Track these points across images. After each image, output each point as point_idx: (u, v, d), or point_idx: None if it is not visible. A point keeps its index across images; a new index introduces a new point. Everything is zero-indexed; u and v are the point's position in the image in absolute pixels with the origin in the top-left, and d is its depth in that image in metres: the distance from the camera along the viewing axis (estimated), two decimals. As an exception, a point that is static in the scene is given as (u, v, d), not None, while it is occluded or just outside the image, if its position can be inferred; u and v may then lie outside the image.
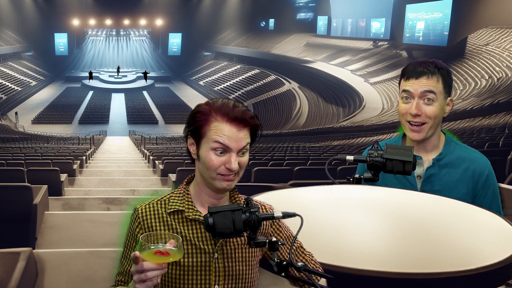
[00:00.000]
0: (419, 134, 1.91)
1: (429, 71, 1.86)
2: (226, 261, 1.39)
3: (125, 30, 52.70)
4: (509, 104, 15.84)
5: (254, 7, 45.49)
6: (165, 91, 43.62)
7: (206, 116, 1.37)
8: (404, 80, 1.91)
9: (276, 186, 5.18)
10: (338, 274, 1.30)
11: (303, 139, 19.53)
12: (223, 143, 1.34)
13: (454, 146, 1.99)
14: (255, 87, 36.88)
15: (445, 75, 1.89)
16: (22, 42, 43.88)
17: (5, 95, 34.36)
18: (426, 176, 1.96)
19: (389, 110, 23.77)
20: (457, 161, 1.95)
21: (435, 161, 1.96)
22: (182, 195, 1.43)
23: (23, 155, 11.52)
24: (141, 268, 1.20)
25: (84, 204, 6.82)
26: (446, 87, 1.89)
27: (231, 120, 1.35)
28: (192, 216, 1.39)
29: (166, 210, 1.41)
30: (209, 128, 1.36)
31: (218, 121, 1.35)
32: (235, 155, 1.35)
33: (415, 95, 1.88)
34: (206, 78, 43.35)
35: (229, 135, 1.34)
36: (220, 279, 1.38)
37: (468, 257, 1.40)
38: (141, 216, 1.40)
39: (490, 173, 1.95)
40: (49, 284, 3.70)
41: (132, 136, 28.34)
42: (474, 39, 23.85)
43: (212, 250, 1.38)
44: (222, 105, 1.37)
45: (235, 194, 1.48)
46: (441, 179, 1.95)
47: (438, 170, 1.96)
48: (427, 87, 1.86)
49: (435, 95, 1.87)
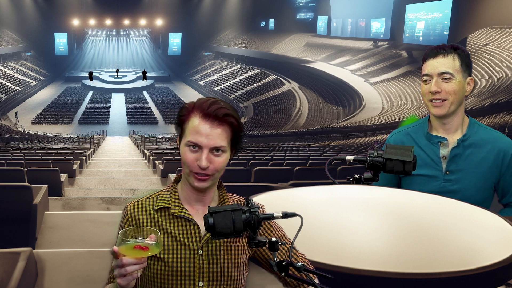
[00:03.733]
0: (441, 109, 1.97)
1: (445, 51, 1.95)
2: (211, 258, 1.40)
3: (125, 30, 52.69)
4: (509, 104, 15.84)
5: (254, 7, 45.48)
6: (165, 91, 43.61)
7: (187, 112, 1.40)
8: (424, 64, 2.00)
9: (276, 186, 5.17)
10: (338, 274, 1.30)
11: (303, 139, 19.52)
12: (193, 139, 1.35)
13: (478, 127, 2.04)
14: (255, 87, 36.87)
15: (462, 54, 1.97)
16: (22, 42, 43.86)
17: (5, 95, 34.34)
18: (451, 156, 2.01)
19: (389, 110, 23.76)
20: (481, 142, 2.01)
21: (460, 141, 2.01)
22: (169, 193, 1.45)
23: (23, 155, 11.52)
24: (120, 263, 1.22)
25: (84, 204, 6.81)
26: (463, 66, 1.96)
27: (204, 116, 1.36)
28: (178, 213, 1.41)
29: (154, 207, 1.43)
30: (187, 124, 1.38)
31: (195, 116, 1.37)
32: (207, 152, 1.35)
33: (433, 74, 1.96)
34: (206, 78, 43.33)
35: (201, 131, 1.35)
36: (204, 275, 1.39)
37: (468, 257, 1.40)
38: (130, 213, 1.43)
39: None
40: (49, 284, 3.70)
41: (132, 136, 28.32)
42: (474, 39, 23.83)
43: (196, 247, 1.39)
44: (203, 102, 1.38)
45: (223, 193, 1.48)
46: (465, 159, 2.00)
47: (463, 150, 2.01)
48: (443, 65, 1.94)
49: (452, 73, 1.94)
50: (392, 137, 2.16)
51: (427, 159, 2.02)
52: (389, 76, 28.29)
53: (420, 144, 2.05)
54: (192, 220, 1.41)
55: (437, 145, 2.03)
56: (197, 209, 1.44)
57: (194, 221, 1.41)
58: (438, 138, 2.04)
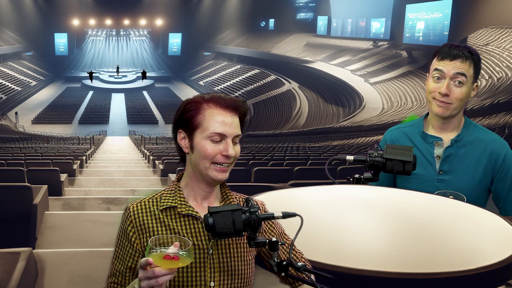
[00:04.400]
0: (445, 111, 1.95)
1: (464, 55, 1.91)
2: (221, 257, 1.38)
3: (125, 30, 52.67)
4: (509, 104, 15.84)
5: (254, 7, 45.46)
6: (165, 91, 43.61)
7: (198, 105, 1.38)
8: (438, 60, 1.95)
9: (276, 186, 5.17)
10: (338, 274, 1.29)
11: (303, 139, 19.52)
12: (219, 130, 1.36)
13: (473, 128, 2.03)
14: (255, 87, 36.86)
15: (477, 61, 1.94)
16: (22, 42, 43.84)
17: (5, 95, 34.33)
18: (444, 156, 2.00)
19: (389, 110, 23.77)
20: (475, 142, 2.00)
21: (454, 141, 2.00)
22: (173, 192, 1.43)
23: (23, 155, 11.52)
24: (152, 275, 1.18)
25: (84, 204, 6.81)
26: (476, 73, 1.95)
27: (224, 107, 1.37)
28: (185, 211, 1.39)
29: (159, 207, 1.40)
30: (203, 117, 1.37)
31: (212, 109, 1.37)
32: (230, 141, 1.37)
33: (447, 75, 1.92)
34: (206, 78, 43.33)
35: (225, 121, 1.36)
36: (215, 275, 1.37)
37: (468, 257, 1.40)
38: (133, 214, 1.39)
39: (509, 154, 1.98)
40: (49, 284, 3.70)
41: (132, 136, 28.32)
42: (474, 39, 23.82)
43: (206, 246, 1.37)
44: (213, 95, 1.40)
45: (226, 190, 1.48)
46: (459, 159, 1.99)
47: (456, 150, 2.00)
48: (460, 69, 1.91)
49: (465, 78, 1.92)
50: (388, 134, 2.16)
51: (422, 158, 2.02)
52: (389, 76, 28.29)
53: (415, 143, 2.05)
54: (200, 217, 1.38)
55: (432, 145, 2.03)
56: (204, 207, 1.42)
57: (201, 218, 1.38)
58: (433, 138, 2.03)
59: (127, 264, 1.38)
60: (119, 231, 1.42)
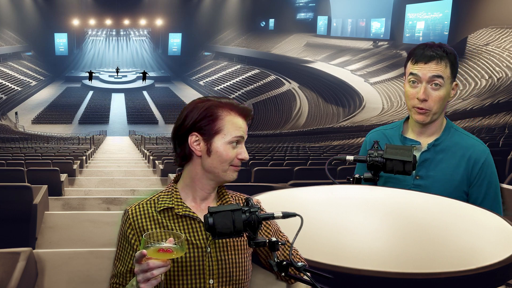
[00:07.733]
0: (425, 118, 1.90)
1: (439, 55, 1.85)
2: (219, 254, 1.41)
3: (125, 30, 52.67)
4: (509, 104, 15.83)
5: (254, 7, 45.45)
6: (165, 91, 43.61)
7: (219, 111, 1.42)
8: (412, 63, 1.90)
9: (276, 186, 5.18)
10: (338, 274, 1.30)
11: (303, 139, 19.52)
12: (240, 134, 1.42)
13: (453, 132, 1.97)
14: (255, 87, 36.86)
15: (453, 60, 1.88)
16: (22, 42, 43.83)
17: (5, 95, 34.32)
18: (420, 161, 1.94)
19: (389, 110, 23.76)
20: (454, 147, 1.94)
21: (430, 146, 1.95)
22: (170, 193, 1.45)
23: (23, 155, 11.52)
24: (146, 267, 1.22)
25: (84, 204, 6.82)
26: (453, 72, 1.89)
27: (240, 113, 1.43)
28: (182, 212, 1.41)
29: (156, 209, 1.42)
30: (224, 122, 1.41)
31: (232, 115, 1.42)
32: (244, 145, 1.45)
33: (423, 79, 1.87)
34: (206, 78, 43.33)
35: (242, 126, 1.43)
36: (214, 273, 1.39)
37: (468, 257, 1.40)
38: (132, 217, 1.42)
39: (487, 162, 1.92)
40: (49, 284, 3.70)
41: (132, 136, 28.33)
42: (474, 39, 23.82)
43: (204, 245, 1.40)
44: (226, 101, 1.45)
45: (222, 189, 1.50)
46: (436, 164, 1.94)
47: (433, 155, 1.94)
48: (436, 72, 1.85)
49: (442, 80, 1.86)
50: (369, 136, 2.13)
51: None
52: (389, 76, 28.28)
53: None
54: (197, 218, 1.41)
55: None
56: (202, 207, 1.45)
57: (199, 218, 1.41)
58: (412, 142, 1.98)
59: (128, 265, 1.41)
60: (119, 233, 1.45)
